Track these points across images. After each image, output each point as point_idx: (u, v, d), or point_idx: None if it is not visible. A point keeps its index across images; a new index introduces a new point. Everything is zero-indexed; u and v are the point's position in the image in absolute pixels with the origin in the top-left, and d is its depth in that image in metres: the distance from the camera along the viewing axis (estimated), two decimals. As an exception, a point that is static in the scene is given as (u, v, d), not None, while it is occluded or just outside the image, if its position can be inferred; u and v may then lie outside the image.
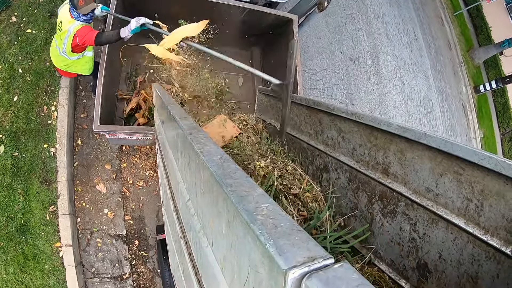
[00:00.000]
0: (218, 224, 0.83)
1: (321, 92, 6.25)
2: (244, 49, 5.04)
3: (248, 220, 0.63)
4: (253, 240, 0.61)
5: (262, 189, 0.74)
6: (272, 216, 0.64)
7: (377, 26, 7.64)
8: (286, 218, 0.63)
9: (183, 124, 1.27)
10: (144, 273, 4.14)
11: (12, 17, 4.37)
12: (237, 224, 0.69)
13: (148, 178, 4.43)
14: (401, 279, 1.83)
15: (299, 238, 0.57)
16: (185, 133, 1.13)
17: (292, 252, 0.52)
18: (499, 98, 9.54)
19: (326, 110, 2.35)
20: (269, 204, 0.67)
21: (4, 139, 3.90)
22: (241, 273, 0.71)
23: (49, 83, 4.27)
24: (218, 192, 0.78)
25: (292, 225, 0.61)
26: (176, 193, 1.63)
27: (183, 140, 1.23)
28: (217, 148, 0.95)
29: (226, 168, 0.82)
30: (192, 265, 1.30)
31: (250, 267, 0.65)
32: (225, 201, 0.74)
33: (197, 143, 1.00)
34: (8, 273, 3.58)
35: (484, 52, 9.44)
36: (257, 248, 0.59)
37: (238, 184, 0.75)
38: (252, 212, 0.64)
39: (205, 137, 1.07)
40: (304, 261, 0.50)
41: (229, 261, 0.79)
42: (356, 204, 2.15)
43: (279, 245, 0.54)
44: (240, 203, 0.67)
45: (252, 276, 0.65)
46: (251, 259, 0.64)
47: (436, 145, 1.56)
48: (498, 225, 1.37)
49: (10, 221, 3.70)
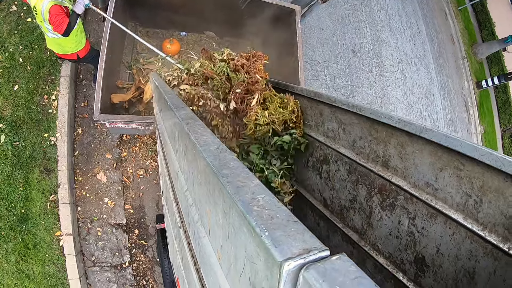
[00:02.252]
0: (215, 215, 0.83)
1: (322, 83, 6.21)
2: (244, 39, 5.00)
3: (244, 211, 0.62)
4: (249, 231, 0.60)
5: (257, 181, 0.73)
6: (268, 207, 0.63)
7: (380, 18, 7.55)
8: (282, 210, 0.63)
9: (180, 114, 1.26)
10: (144, 262, 4.19)
11: (13, 6, 4.33)
12: (233, 214, 0.68)
13: (148, 168, 4.44)
14: (399, 272, 1.84)
15: (295, 229, 0.56)
16: (182, 123, 1.13)
17: (287, 243, 0.52)
18: (501, 94, 9.49)
19: (327, 101, 2.33)
20: (265, 195, 0.67)
21: (4, 129, 3.90)
22: (237, 263, 0.71)
23: (49, 72, 4.25)
24: (214, 183, 0.78)
25: (288, 217, 0.60)
26: (175, 183, 1.63)
27: (180, 130, 1.22)
28: (214, 138, 0.94)
29: (222, 158, 0.82)
30: (191, 254, 1.31)
31: (246, 258, 0.65)
32: (221, 191, 0.74)
33: (194, 133, 0.99)
34: (8, 262, 3.62)
35: (487, 47, 9.35)
36: (252, 239, 0.59)
37: (234, 175, 0.74)
38: (248, 203, 0.64)
39: (202, 127, 1.06)
40: (300, 253, 0.49)
41: (225, 252, 0.79)
42: (356, 196, 2.15)
43: (275, 237, 0.54)
44: (236, 193, 0.67)
45: (248, 267, 0.65)
46: (247, 250, 0.64)
47: (436, 139, 1.54)
48: (496, 221, 1.37)
49: (10, 210, 3.73)
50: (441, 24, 8.95)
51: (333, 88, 6.30)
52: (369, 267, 2.04)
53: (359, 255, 2.12)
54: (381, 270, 1.95)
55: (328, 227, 2.47)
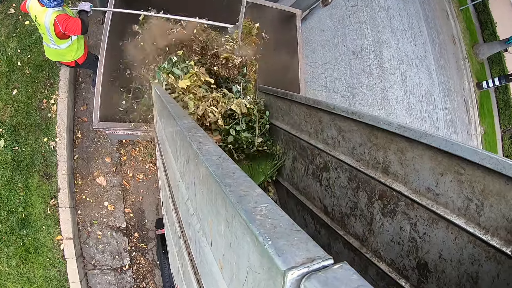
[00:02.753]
0: (217, 224, 0.82)
1: (322, 86, 6.20)
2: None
3: (247, 220, 0.62)
4: (252, 240, 0.60)
5: (260, 190, 0.73)
6: (271, 216, 0.63)
7: (381, 19, 7.53)
8: (286, 218, 0.62)
9: (182, 123, 1.26)
10: (144, 265, 4.18)
11: (11, 8, 4.32)
12: (236, 224, 0.68)
13: (148, 171, 4.44)
14: (401, 279, 1.83)
15: (298, 238, 0.56)
16: (184, 132, 1.13)
17: (291, 252, 0.52)
18: (501, 95, 9.48)
19: (326, 109, 2.33)
20: (268, 204, 0.67)
21: (4, 134, 3.89)
22: (240, 273, 0.70)
23: (48, 76, 4.24)
24: (217, 192, 0.78)
25: (291, 226, 0.60)
26: (176, 193, 1.62)
27: (182, 139, 1.22)
28: (216, 148, 0.94)
29: (225, 167, 0.82)
30: (191, 264, 1.30)
31: (249, 267, 0.65)
32: (223, 200, 0.74)
33: (196, 143, 0.99)
34: (10, 266, 3.62)
35: (489, 48, 9.35)
36: (256, 249, 0.59)
37: (237, 184, 0.74)
38: (251, 212, 0.64)
39: (204, 136, 1.06)
40: (303, 262, 0.49)
41: (228, 261, 0.79)
42: (356, 203, 2.14)
43: (278, 246, 0.54)
44: (239, 203, 0.67)
45: (251, 277, 0.65)
46: (250, 260, 0.63)
47: (436, 144, 1.54)
48: (498, 225, 1.37)
49: (11, 215, 3.72)
50: (442, 25, 8.93)
51: (333, 90, 6.29)
52: (371, 274, 2.03)
53: (361, 262, 2.11)
54: (383, 277, 1.94)
55: (329, 234, 2.46)
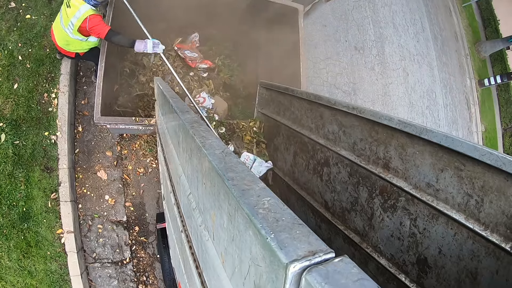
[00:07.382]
0: (220, 218, 0.83)
1: (324, 81, 6.17)
2: (246, 38, 4.97)
3: (249, 213, 0.63)
4: (254, 233, 0.61)
5: (263, 184, 0.73)
6: (273, 210, 0.64)
7: (384, 14, 7.46)
8: (288, 212, 0.63)
9: (185, 117, 1.26)
10: (144, 258, 4.20)
11: (11, 2, 4.29)
12: (238, 217, 0.69)
13: (148, 165, 4.45)
14: (401, 274, 1.85)
15: (300, 232, 0.57)
16: (187, 127, 1.13)
17: (293, 245, 0.52)
18: (503, 93, 9.45)
19: (327, 104, 2.33)
20: (270, 198, 0.67)
21: (5, 128, 3.89)
22: (242, 266, 0.71)
23: (49, 69, 4.23)
24: (220, 186, 0.78)
25: (294, 219, 0.61)
26: (177, 187, 1.63)
27: (184, 134, 1.23)
28: (219, 142, 0.95)
29: (228, 161, 0.82)
30: (193, 258, 1.31)
31: (251, 260, 0.65)
32: (226, 194, 0.74)
33: (199, 137, 0.99)
34: (11, 259, 3.64)
35: (491, 45, 9.28)
36: (258, 242, 0.60)
37: (240, 178, 0.74)
38: (254, 206, 0.64)
39: (207, 130, 1.06)
40: (305, 255, 0.50)
41: (230, 255, 0.79)
42: (357, 198, 2.15)
43: (280, 239, 0.54)
44: (242, 196, 0.67)
45: (253, 270, 0.65)
46: (252, 253, 0.64)
47: (437, 140, 1.55)
48: (498, 221, 1.37)
49: (12, 209, 3.73)
50: (445, 21, 8.85)
51: (335, 85, 6.26)
52: (371, 269, 2.04)
53: (361, 257, 2.12)
54: (383, 271, 1.96)
55: (329, 229, 2.48)
